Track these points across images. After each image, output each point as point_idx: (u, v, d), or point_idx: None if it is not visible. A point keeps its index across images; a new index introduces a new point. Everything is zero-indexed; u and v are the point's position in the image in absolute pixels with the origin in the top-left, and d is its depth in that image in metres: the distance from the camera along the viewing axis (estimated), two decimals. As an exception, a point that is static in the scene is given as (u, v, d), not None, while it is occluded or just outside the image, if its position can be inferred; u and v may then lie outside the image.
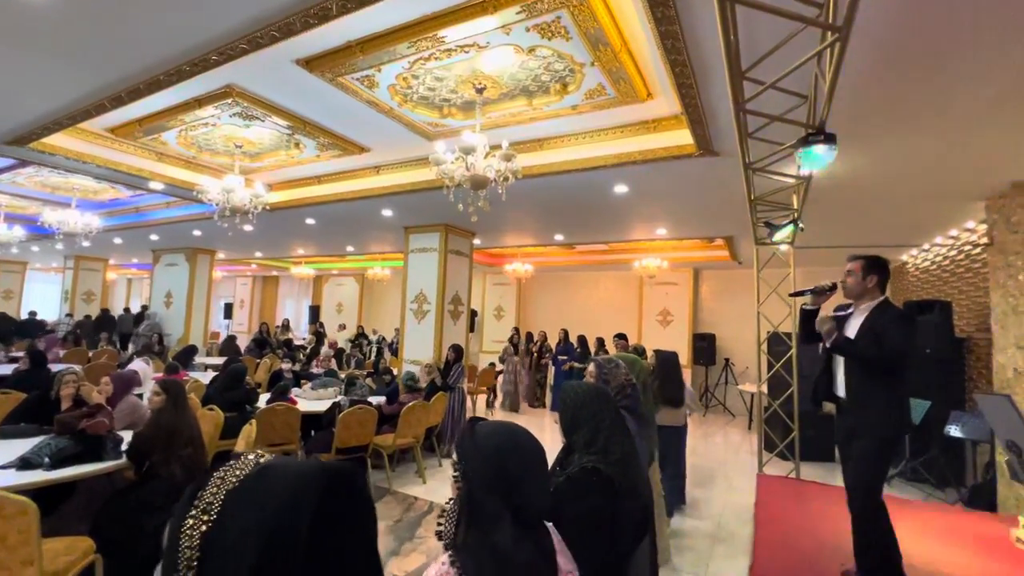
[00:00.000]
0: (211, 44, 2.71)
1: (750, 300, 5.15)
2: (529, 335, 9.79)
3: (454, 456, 1.15)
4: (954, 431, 4.71)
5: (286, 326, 13.28)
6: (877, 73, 2.54)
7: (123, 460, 3.06)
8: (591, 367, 2.05)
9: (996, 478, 4.13)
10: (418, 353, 6.83)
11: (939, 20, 2.14)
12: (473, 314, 11.29)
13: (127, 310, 12.61)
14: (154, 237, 9.45)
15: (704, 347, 9.49)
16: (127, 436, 3.16)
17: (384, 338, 12.09)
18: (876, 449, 2.48)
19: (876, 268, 2.63)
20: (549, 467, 1.50)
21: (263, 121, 4.30)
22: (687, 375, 9.70)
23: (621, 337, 6.27)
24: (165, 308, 10.45)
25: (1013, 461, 2.12)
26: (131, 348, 10.14)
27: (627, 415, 1.80)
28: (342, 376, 6.43)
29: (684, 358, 9.76)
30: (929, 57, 2.40)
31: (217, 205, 4.71)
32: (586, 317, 10.81)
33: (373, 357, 10.74)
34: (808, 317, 2.78)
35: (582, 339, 8.84)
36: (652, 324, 10.27)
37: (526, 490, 1.07)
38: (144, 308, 11.74)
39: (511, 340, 9.56)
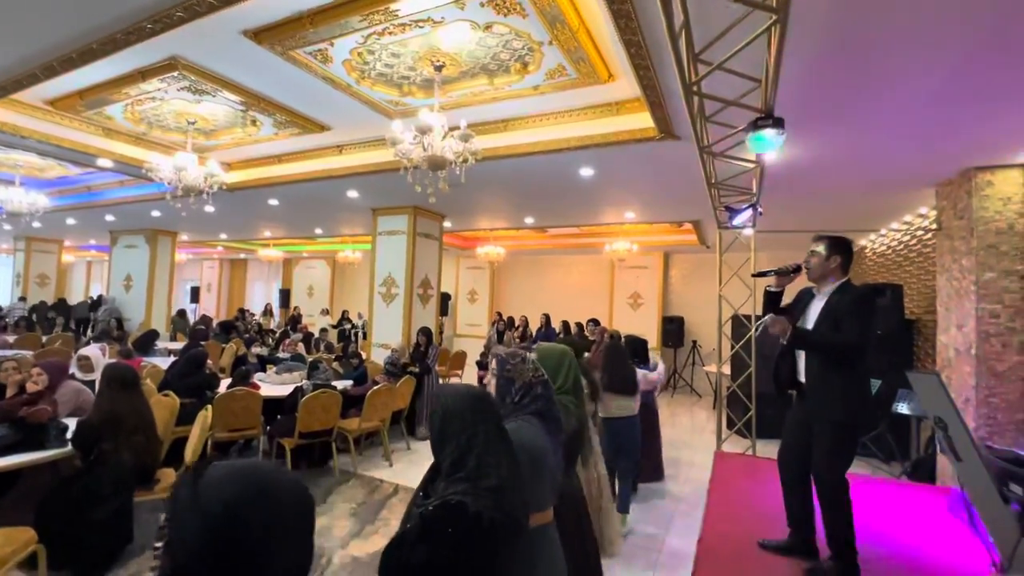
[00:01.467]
0: (145, 11, 2.56)
1: (717, 284, 5.24)
2: (510, 320, 9.68)
3: (162, 515, 0.79)
4: (902, 408, 4.94)
5: (268, 311, 13.04)
6: (824, 59, 2.56)
7: (68, 448, 2.96)
8: (491, 361, 1.68)
9: (936, 452, 4.36)
10: (387, 337, 6.77)
11: (879, 7, 2.15)
12: (445, 297, 11.23)
13: (91, 298, 12.08)
14: (110, 218, 9.06)
15: (673, 330, 9.67)
16: (73, 424, 3.06)
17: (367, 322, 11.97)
18: (838, 434, 2.43)
19: (839, 249, 2.56)
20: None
21: (214, 96, 4.11)
22: (654, 358, 9.94)
23: (595, 323, 6.21)
24: (125, 292, 10.09)
25: (940, 435, 2.22)
26: (89, 333, 9.78)
27: (536, 421, 1.50)
28: (309, 360, 6.34)
29: (653, 341, 9.95)
30: (871, 45, 2.42)
31: (169, 184, 4.52)
32: (559, 300, 10.88)
33: (359, 340, 10.62)
34: (772, 299, 2.68)
35: (565, 324, 8.83)
36: (623, 307, 10.40)
37: (276, 564, 0.73)
38: (101, 296, 11.32)
39: (495, 327, 9.34)
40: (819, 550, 2.60)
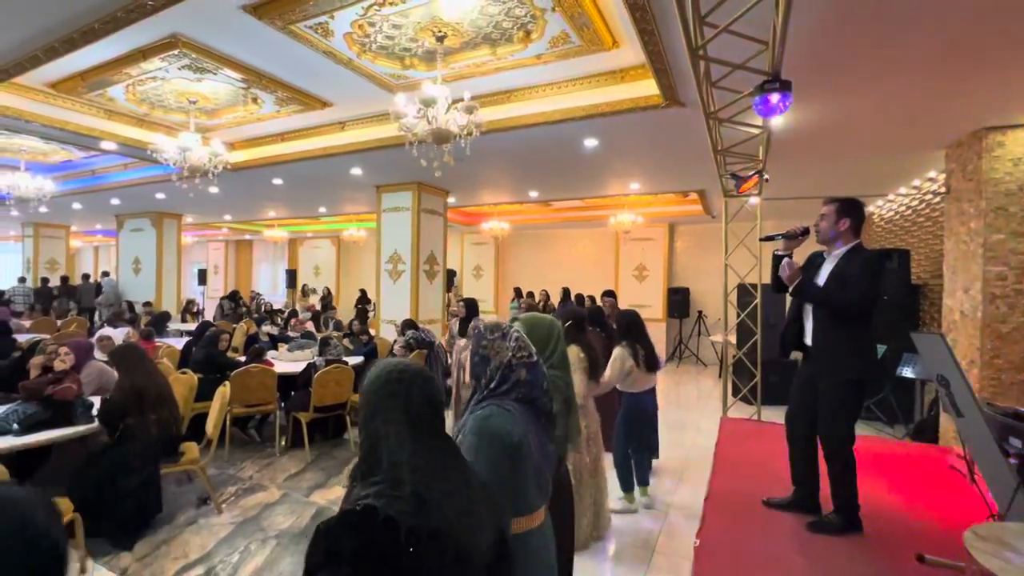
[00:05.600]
0: (145, -12, 2.54)
1: (723, 254, 5.25)
2: (530, 295, 9.54)
3: None
4: (906, 372, 5.00)
5: (305, 292, 13.22)
6: (832, 19, 2.51)
7: (95, 424, 3.08)
8: (465, 340, 1.43)
9: (939, 413, 4.43)
10: (394, 314, 6.85)
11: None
12: (451, 274, 11.27)
13: (86, 276, 12.01)
14: (115, 201, 9.09)
15: (678, 300, 9.70)
16: (98, 401, 3.17)
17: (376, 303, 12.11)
18: (843, 391, 2.48)
19: (850, 210, 2.56)
20: None
21: (215, 74, 4.09)
22: (660, 329, 10.02)
23: (608, 295, 5.96)
24: (133, 275, 10.20)
25: (942, 393, 2.28)
26: (96, 318, 9.93)
27: (519, 408, 1.26)
28: (319, 337, 6.45)
29: (659, 311, 10.01)
30: (880, 2, 2.37)
31: (175, 165, 4.54)
32: (564, 274, 10.90)
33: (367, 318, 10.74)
34: (779, 262, 2.69)
35: (580, 298, 8.80)
36: (628, 279, 10.42)
37: None
38: (105, 274, 11.37)
39: (518, 303, 9.07)
40: (821, 507, 2.70)
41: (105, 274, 11.46)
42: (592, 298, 8.66)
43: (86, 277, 11.82)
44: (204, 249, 16.59)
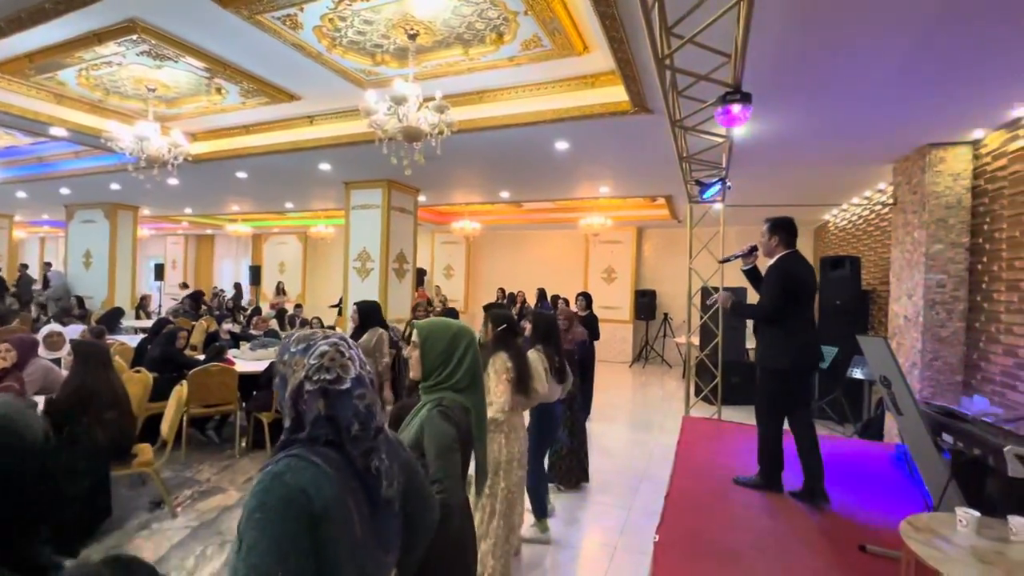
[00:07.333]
0: (101, -31, 2.43)
1: (687, 257, 5.40)
2: (511, 296, 9.26)
3: None
4: (856, 373, 5.26)
5: (280, 290, 12.76)
6: (791, 35, 2.64)
7: (38, 425, 2.91)
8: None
9: (884, 413, 4.68)
10: (362, 312, 6.74)
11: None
12: (421, 273, 11.18)
13: (24, 267, 11.12)
14: (65, 191, 8.61)
15: (645, 303, 9.91)
16: (41, 402, 3.01)
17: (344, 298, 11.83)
18: (769, 379, 2.91)
19: (777, 228, 3.00)
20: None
21: (176, 61, 3.94)
22: (627, 330, 10.22)
23: (584, 297, 5.98)
24: (84, 269, 9.68)
25: (885, 392, 2.42)
26: (35, 311, 9.35)
27: (341, 460, 0.90)
28: (283, 336, 6.29)
29: (627, 313, 10.20)
30: (835, 21, 2.50)
31: (131, 155, 4.34)
32: (535, 275, 10.96)
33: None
34: (749, 275, 3.24)
35: (555, 299, 8.74)
36: (598, 281, 10.57)
37: None
38: (48, 265, 10.69)
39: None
40: (782, 483, 3.03)
41: (48, 265, 10.77)
42: (566, 300, 8.68)
43: (24, 268, 11.12)
44: (162, 243, 15.91)
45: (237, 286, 12.79)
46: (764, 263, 3.10)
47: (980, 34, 2.51)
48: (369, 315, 4.27)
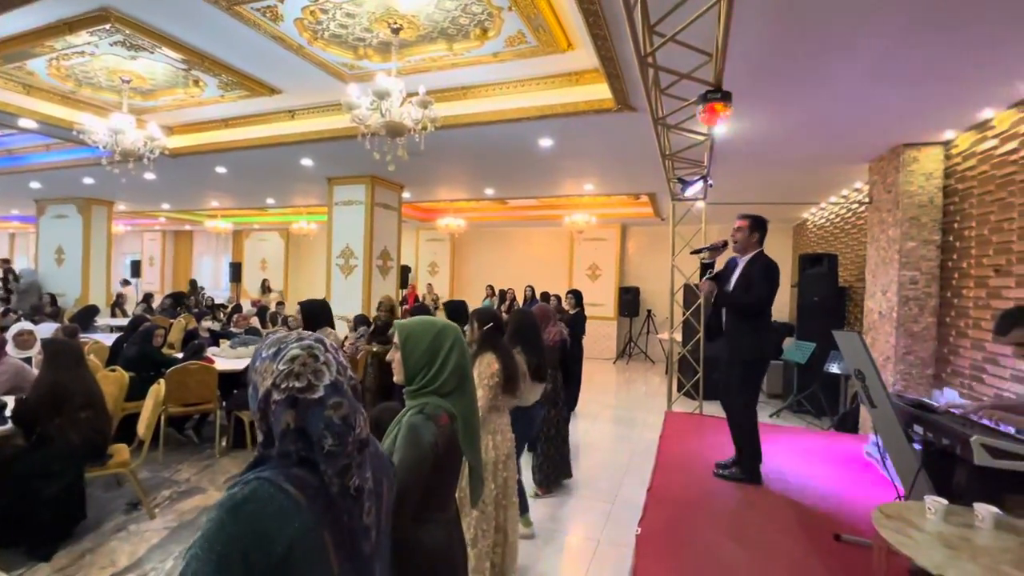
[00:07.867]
0: (72, -44, 2.35)
1: (670, 254, 5.46)
2: (502, 293, 9.16)
3: None
4: (833, 368, 5.39)
5: (266, 288, 12.46)
6: (770, 35, 2.68)
7: (8, 426, 2.83)
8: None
9: (859, 406, 4.81)
10: (346, 309, 6.68)
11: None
12: (405, 270, 11.11)
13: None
14: (36, 185, 8.35)
15: (629, 299, 10.00)
16: (11, 402, 2.92)
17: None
18: (741, 369, 3.09)
19: (760, 226, 3.19)
20: None
21: (152, 52, 3.84)
22: (611, 327, 10.32)
23: (574, 294, 5.99)
24: (56, 265, 9.41)
25: (859, 386, 2.49)
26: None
27: (313, 481, 0.83)
28: (264, 334, 6.20)
29: (611, 310, 10.27)
30: (813, 22, 2.55)
31: (105, 148, 4.23)
32: (520, 272, 10.98)
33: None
34: (705, 268, 3.44)
35: (545, 295, 8.72)
36: (582, 278, 10.63)
37: None
38: (5, 261, 10.30)
39: (491, 302, 8.68)
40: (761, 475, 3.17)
41: (5, 261, 10.41)
42: (558, 296, 8.67)
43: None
44: (139, 239, 15.52)
45: (192, 283, 12.36)
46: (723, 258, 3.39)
47: (952, 37, 2.59)
48: (315, 315, 3.66)
